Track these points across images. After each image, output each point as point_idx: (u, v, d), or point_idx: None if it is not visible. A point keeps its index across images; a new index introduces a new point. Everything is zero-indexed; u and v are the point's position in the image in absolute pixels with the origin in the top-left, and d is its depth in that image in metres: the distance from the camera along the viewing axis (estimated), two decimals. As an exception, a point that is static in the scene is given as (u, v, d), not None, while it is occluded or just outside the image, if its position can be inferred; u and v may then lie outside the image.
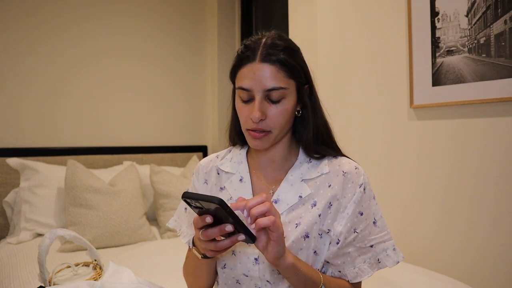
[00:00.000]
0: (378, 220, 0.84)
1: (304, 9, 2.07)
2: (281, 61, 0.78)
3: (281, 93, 0.79)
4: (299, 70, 0.81)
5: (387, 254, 0.84)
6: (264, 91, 0.78)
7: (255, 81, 0.78)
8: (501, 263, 1.31)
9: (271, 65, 0.78)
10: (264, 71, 0.77)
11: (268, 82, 0.77)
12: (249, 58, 0.79)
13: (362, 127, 1.79)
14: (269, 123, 0.80)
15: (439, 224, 1.49)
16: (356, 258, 0.82)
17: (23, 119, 2.32)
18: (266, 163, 0.89)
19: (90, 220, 1.84)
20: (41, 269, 1.08)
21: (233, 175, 0.90)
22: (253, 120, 0.78)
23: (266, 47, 0.79)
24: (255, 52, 0.79)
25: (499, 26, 1.28)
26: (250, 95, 0.80)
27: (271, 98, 0.79)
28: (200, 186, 0.93)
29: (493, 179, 1.33)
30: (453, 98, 1.42)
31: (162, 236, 2.06)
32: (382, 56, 1.69)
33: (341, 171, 0.84)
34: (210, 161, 0.95)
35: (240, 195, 0.86)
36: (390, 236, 0.86)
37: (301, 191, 0.83)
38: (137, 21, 2.71)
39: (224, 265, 0.84)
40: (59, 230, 1.10)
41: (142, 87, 2.73)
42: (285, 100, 0.80)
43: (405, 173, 1.61)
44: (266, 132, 0.80)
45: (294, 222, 0.81)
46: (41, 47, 2.37)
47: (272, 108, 0.79)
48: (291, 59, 0.79)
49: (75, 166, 1.97)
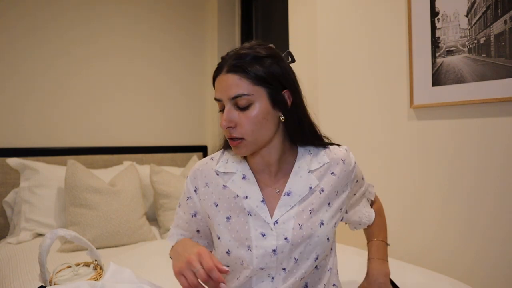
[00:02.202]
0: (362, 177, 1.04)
1: (304, 9, 2.07)
2: (246, 69, 0.82)
3: (247, 100, 0.82)
4: (267, 77, 0.83)
5: (370, 191, 1.09)
6: (230, 100, 0.82)
7: (222, 91, 0.83)
8: (501, 263, 1.31)
9: (234, 74, 0.82)
10: (229, 80, 0.82)
11: (231, 91, 0.82)
12: (219, 70, 0.85)
13: (362, 127, 1.80)
14: (240, 129, 0.83)
15: (439, 224, 1.49)
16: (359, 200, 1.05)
17: (23, 119, 2.32)
18: (264, 166, 0.92)
19: (90, 220, 1.84)
20: (42, 269, 1.08)
21: (234, 174, 0.92)
22: (222, 128, 0.84)
23: (234, 58, 0.83)
24: (225, 64, 0.84)
25: (499, 26, 1.28)
26: (222, 105, 0.85)
27: (238, 106, 0.83)
28: (201, 190, 0.93)
29: (493, 179, 1.33)
30: (453, 98, 1.42)
31: (162, 236, 2.06)
32: (382, 56, 1.69)
33: (339, 159, 0.93)
34: (206, 164, 0.96)
35: (247, 191, 0.89)
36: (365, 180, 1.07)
37: (310, 182, 0.89)
38: (137, 22, 2.71)
39: (241, 262, 0.86)
40: (59, 230, 1.10)
41: (142, 87, 2.73)
42: (253, 106, 0.82)
43: (405, 173, 1.61)
44: (240, 140, 0.84)
45: (308, 209, 0.87)
46: (41, 47, 2.37)
47: (241, 116, 0.83)
48: (258, 67, 0.82)
49: (75, 166, 1.97)
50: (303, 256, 0.85)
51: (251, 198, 0.88)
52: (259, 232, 0.85)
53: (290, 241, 0.84)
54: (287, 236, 0.84)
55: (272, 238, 0.84)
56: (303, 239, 0.85)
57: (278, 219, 0.86)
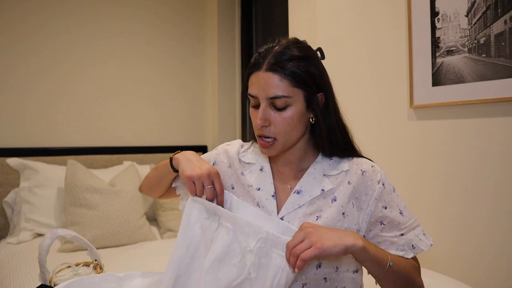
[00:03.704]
0: (403, 210, 0.88)
1: (304, 9, 2.07)
2: (286, 70, 0.80)
3: (285, 101, 0.81)
4: (306, 79, 0.82)
5: (420, 239, 0.88)
6: (267, 99, 0.82)
7: (260, 89, 0.82)
8: (500, 262, 1.31)
9: (274, 74, 0.81)
10: (268, 80, 0.81)
11: (271, 91, 0.81)
12: (257, 66, 0.83)
13: (361, 127, 1.80)
14: (273, 129, 0.83)
15: (437, 224, 1.49)
16: (389, 248, 0.85)
17: (23, 119, 2.32)
18: (284, 163, 0.93)
19: (90, 220, 1.84)
20: (42, 269, 1.08)
21: (254, 165, 0.94)
22: (256, 126, 0.84)
23: (274, 56, 0.82)
24: (264, 60, 0.82)
25: (499, 26, 1.28)
26: (257, 102, 0.84)
27: (276, 106, 0.82)
28: (224, 168, 0.97)
29: (492, 179, 1.33)
30: (453, 98, 1.42)
31: (162, 236, 2.07)
32: (382, 56, 1.69)
33: (359, 169, 0.88)
34: (234, 147, 1.00)
35: (261, 183, 0.90)
36: (418, 222, 0.90)
37: (323, 185, 0.87)
38: (137, 23, 2.71)
39: None
40: (59, 230, 1.10)
41: (143, 87, 2.73)
42: (290, 108, 0.82)
43: (404, 173, 1.61)
44: (273, 140, 0.84)
45: (315, 214, 0.85)
46: (42, 48, 2.37)
47: (276, 116, 0.83)
48: (297, 69, 0.81)
49: (75, 166, 1.97)
50: None
51: (263, 190, 0.89)
52: None
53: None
54: None
55: None
56: None
57: (284, 216, 0.85)
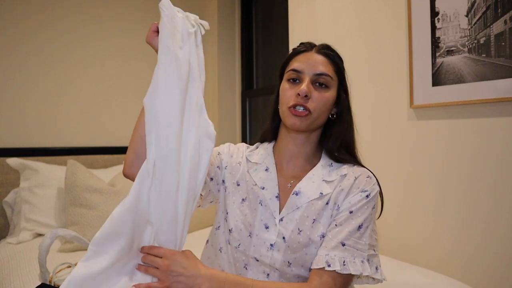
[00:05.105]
0: (364, 228, 0.82)
1: (304, 9, 2.07)
2: (333, 57, 0.92)
3: (327, 80, 0.89)
4: (343, 72, 0.94)
5: (354, 261, 0.79)
6: (314, 75, 0.88)
7: (308, 64, 0.89)
8: (498, 261, 1.31)
9: (324, 57, 0.91)
10: (318, 58, 0.90)
11: (319, 68, 0.89)
12: (307, 48, 0.93)
13: (361, 127, 1.79)
14: (311, 103, 0.87)
15: (437, 224, 1.49)
16: (321, 248, 0.82)
17: (23, 119, 2.32)
18: (289, 158, 0.95)
19: (90, 220, 1.84)
20: (42, 269, 1.08)
21: (259, 164, 0.97)
22: (300, 93, 0.86)
23: (324, 45, 0.94)
24: (312, 46, 0.94)
25: (499, 26, 1.28)
26: (299, 77, 0.90)
27: (318, 82, 0.89)
28: (231, 164, 1.00)
29: (492, 179, 1.33)
30: (453, 98, 1.42)
31: (162, 236, 2.06)
32: (382, 56, 1.69)
33: (353, 176, 0.89)
34: (242, 147, 1.04)
35: (265, 183, 0.93)
36: (374, 253, 0.83)
37: (322, 189, 0.89)
38: (138, 23, 2.70)
39: (238, 245, 0.89)
40: (59, 230, 1.10)
41: (142, 87, 2.71)
42: (329, 90, 0.90)
43: (404, 172, 1.61)
44: (308, 112, 0.87)
45: (312, 217, 0.86)
46: (42, 48, 2.37)
47: (316, 92, 0.88)
48: (339, 61, 0.93)
49: (75, 166, 1.97)
50: (298, 262, 0.85)
51: (267, 190, 0.91)
52: (263, 223, 0.88)
53: (286, 242, 0.85)
54: (285, 236, 0.86)
55: (273, 233, 0.86)
56: (299, 245, 0.85)
57: (284, 217, 0.88)
